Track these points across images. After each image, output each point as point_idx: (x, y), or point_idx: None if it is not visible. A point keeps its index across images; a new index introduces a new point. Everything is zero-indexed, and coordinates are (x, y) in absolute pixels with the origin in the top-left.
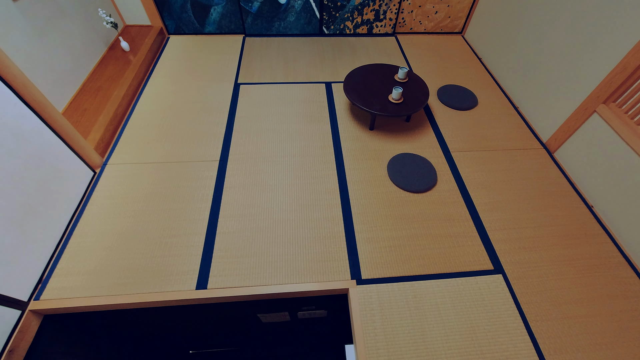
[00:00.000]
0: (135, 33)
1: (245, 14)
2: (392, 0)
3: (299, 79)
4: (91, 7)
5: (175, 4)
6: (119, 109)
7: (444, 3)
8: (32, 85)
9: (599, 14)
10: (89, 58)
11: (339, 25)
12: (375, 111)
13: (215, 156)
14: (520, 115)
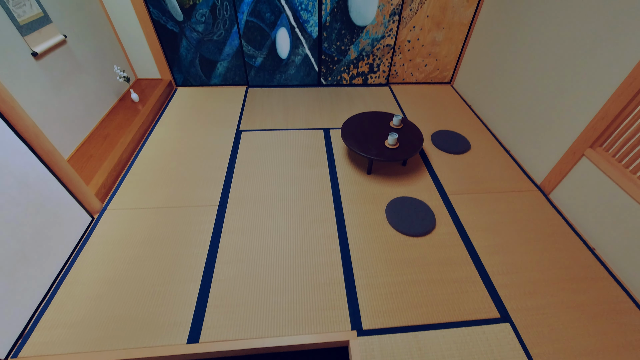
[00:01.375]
0: (145, 85)
1: (249, 67)
2: (385, 55)
3: (299, 125)
4: (107, 63)
5: (185, 60)
6: (124, 155)
7: (432, 57)
8: (43, 136)
9: (578, 64)
10: (100, 108)
11: (336, 77)
12: (372, 156)
13: (215, 200)
14: (513, 158)
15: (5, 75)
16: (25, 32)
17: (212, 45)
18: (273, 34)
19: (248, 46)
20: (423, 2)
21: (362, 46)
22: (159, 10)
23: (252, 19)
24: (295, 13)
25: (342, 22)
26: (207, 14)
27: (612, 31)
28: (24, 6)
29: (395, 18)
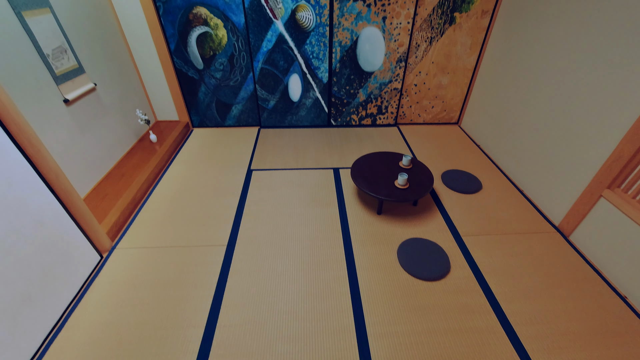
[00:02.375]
0: (164, 126)
1: (262, 110)
2: (393, 98)
3: (309, 165)
4: (131, 107)
5: (202, 103)
6: (138, 193)
7: (438, 99)
8: (63, 176)
9: (586, 104)
10: (120, 148)
11: (345, 118)
12: (383, 197)
13: (224, 240)
14: (527, 198)
15: (37, 120)
16: (60, 81)
17: (228, 90)
18: (286, 80)
19: (262, 91)
20: (428, 50)
21: (371, 90)
22: (182, 60)
23: (267, 66)
24: (307, 61)
25: (351, 69)
26: (225, 63)
27: (619, 72)
28: (62, 59)
29: (401, 64)
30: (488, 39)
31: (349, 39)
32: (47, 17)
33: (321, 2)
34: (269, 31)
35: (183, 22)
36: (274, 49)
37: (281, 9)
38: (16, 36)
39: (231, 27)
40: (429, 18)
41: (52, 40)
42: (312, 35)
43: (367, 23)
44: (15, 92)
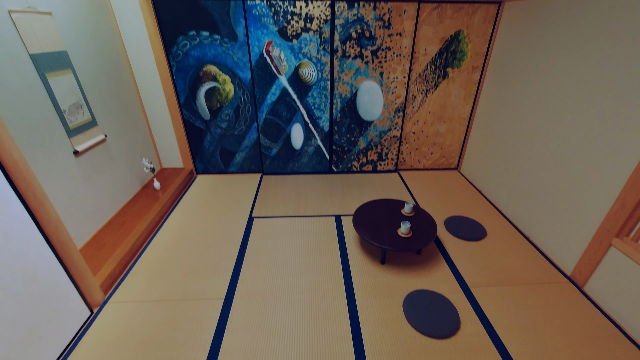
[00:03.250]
0: (168, 174)
1: (265, 157)
2: (392, 145)
3: (310, 212)
4: (137, 156)
5: (207, 151)
6: (137, 243)
7: (437, 146)
8: (62, 227)
9: (583, 151)
10: (123, 196)
11: (346, 165)
12: (385, 246)
13: (221, 293)
14: (534, 245)
15: (45, 171)
16: (73, 134)
17: (232, 139)
18: (288, 129)
19: (265, 139)
20: (424, 101)
21: (371, 138)
22: (190, 112)
23: (271, 116)
24: (309, 111)
25: (352, 118)
26: (231, 114)
27: (614, 120)
28: (77, 114)
29: (399, 114)
30: (480, 90)
31: (349, 92)
32: (68, 77)
33: (322, 60)
34: (273, 85)
35: (194, 79)
36: (278, 101)
37: (285, 66)
38: (37, 94)
39: (238, 82)
40: (424, 73)
41: (70, 97)
42: (314, 89)
43: (366, 78)
44: (29, 144)
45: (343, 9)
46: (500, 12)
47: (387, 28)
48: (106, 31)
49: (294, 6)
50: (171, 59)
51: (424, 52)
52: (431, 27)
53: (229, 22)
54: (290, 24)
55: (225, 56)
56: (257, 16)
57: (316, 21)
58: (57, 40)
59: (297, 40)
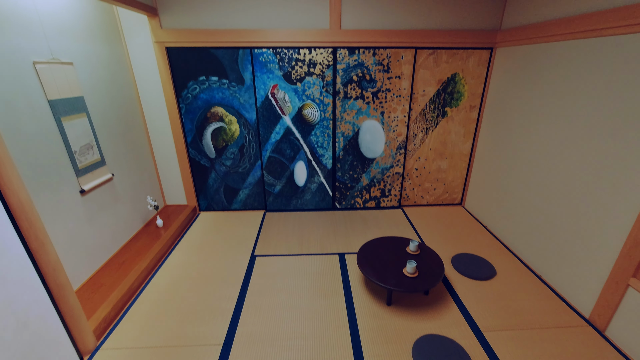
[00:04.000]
0: (171, 211)
1: (268, 194)
2: (395, 181)
3: (313, 250)
4: (142, 193)
5: (211, 188)
6: (135, 283)
7: (440, 182)
8: (60, 269)
9: (589, 187)
10: (125, 234)
11: (349, 201)
12: (391, 286)
13: (220, 338)
14: (547, 285)
15: (50, 210)
16: (81, 174)
17: (236, 176)
18: (292, 166)
19: (269, 176)
20: (425, 139)
21: (373, 174)
22: (196, 150)
23: (275, 154)
24: (312, 149)
25: (354, 156)
26: (236, 152)
27: (617, 156)
28: (87, 154)
29: (401, 151)
30: (479, 128)
31: (351, 130)
32: (82, 120)
33: (325, 101)
34: (277, 125)
35: (201, 119)
36: (282, 139)
37: (289, 106)
38: (51, 137)
39: (244, 122)
40: (423, 112)
41: (82, 138)
42: (317, 128)
43: (367, 117)
44: (37, 184)
45: (344, 55)
46: (493, 57)
47: (387, 72)
48: (122, 77)
49: (298, 53)
50: (181, 101)
51: (422, 93)
52: (428, 70)
53: (237, 68)
54: (294, 69)
55: (232, 98)
56: (264, 62)
57: (319, 66)
58: (75, 87)
59: (301, 84)
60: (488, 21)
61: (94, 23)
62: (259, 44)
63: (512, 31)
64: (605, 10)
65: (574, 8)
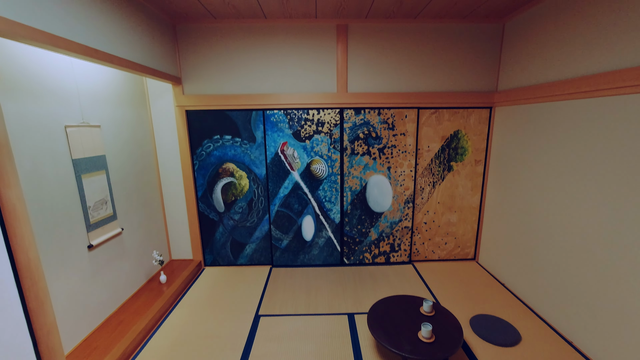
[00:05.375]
0: (176, 266)
1: (275, 249)
2: (404, 235)
3: (321, 310)
4: (149, 248)
5: (218, 243)
6: (130, 346)
7: (450, 236)
8: (55, 332)
9: (615, 245)
10: (127, 291)
11: (358, 257)
12: (406, 353)
13: None
14: (581, 354)
15: (55, 265)
16: (92, 229)
17: (244, 230)
18: (299, 221)
19: (276, 231)
20: (432, 192)
21: (382, 229)
22: (205, 204)
23: (282, 209)
24: (320, 204)
25: (362, 210)
26: (244, 207)
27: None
28: (100, 209)
29: (409, 205)
30: (486, 182)
31: (359, 185)
32: (101, 177)
33: (333, 157)
34: (286, 180)
35: (213, 175)
36: (290, 194)
37: (298, 162)
38: (69, 193)
39: (253, 177)
40: (429, 167)
41: (98, 194)
42: (325, 183)
43: (374, 172)
44: (47, 238)
45: (351, 115)
46: (493, 115)
47: (392, 129)
48: (143, 137)
49: (307, 114)
50: (195, 158)
51: (427, 148)
52: (431, 128)
53: (250, 128)
54: (303, 127)
55: (243, 155)
56: (275, 122)
57: (327, 125)
58: (99, 147)
59: (309, 141)
60: (485, 83)
61: (124, 90)
62: (271, 106)
63: (508, 92)
64: (594, 74)
65: (562, 73)
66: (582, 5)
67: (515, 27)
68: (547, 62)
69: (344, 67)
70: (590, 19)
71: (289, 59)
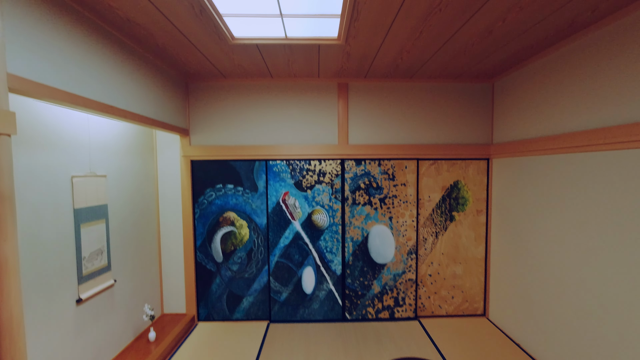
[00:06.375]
0: (167, 321)
1: (273, 302)
2: (409, 288)
3: None
4: (141, 301)
5: (214, 295)
6: None
7: (457, 289)
8: None
9: (635, 306)
10: (111, 350)
11: (361, 311)
12: None
13: None
14: None
15: (38, 321)
16: (83, 281)
17: (242, 282)
18: (300, 272)
19: (275, 282)
20: (435, 243)
21: (385, 281)
22: (203, 254)
23: (282, 260)
24: (321, 254)
25: (364, 261)
26: (243, 257)
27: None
28: (95, 260)
29: (412, 256)
30: (490, 232)
31: (360, 235)
32: (100, 227)
33: (334, 207)
34: (287, 230)
35: (213, 224)
36: (291, 244)
37: (299, 212)
38: (65, 243)
39: (254, 227)
40: (431, 217)
41: (95, 244)
42: (326, 233)
43: (376, 222)
44: (34, 292)
45: (352, 165)
46: (491, 166)
47: (392, 180)
48: (147, 186)
49: (309, 164)
50: (196, 206)
51: (428, 198)
52: (431, 178)
53: (252, 177)
54: (305, 177)
55: (245, 204)
56: (277, 172)
57: (328, 175)
58: (102, 196)
59: (311, 191)
60: (481, 136)
61: (134, 140)
62: (274, 157)
63: (503, 145)
64: (585, 130)
65: (552, 129)
66: (566, 69)
67: (503, 86)
68: (536, 119)
69: (344, 120)
70: (576, 80)
71: (292, 112)
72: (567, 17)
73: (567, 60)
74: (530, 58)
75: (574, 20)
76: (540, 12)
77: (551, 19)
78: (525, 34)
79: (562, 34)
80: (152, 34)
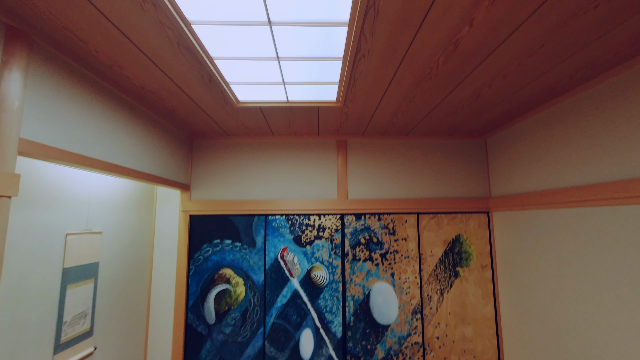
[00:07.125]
0: None
1: None
2: (415, 353)
3: None
4: None
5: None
6: None
7: (468, 354)
8: None
9: None
10: None
11: None
12: None
13: None
14: None
15: None
16: (60, 350)
17: (234, 346)
18: (297, 335)
19: (271, 347)
20: (441, 301)
21: (389, 345)
22: (195, 315)
23: (279, 321)
24: (321, 315)
25: (366, 322)
26: (237, 318)
27: None
28: (77, 324)
29: (417, 316)
30: (497, 289)
31: (362, 293)
32: (87, 287)
33: (334, 263)
34: (285, 287)
35: (207, 282)
36: (288, 303)
37: (298, 269)
38: (46, 307)
39: (250, 285)
40: (434, 272)
41: (79, 306)
42: (326, 291)
43: (377, 279)
44: None
45: (351, 220)
46: (491, 219)
47: (393, 234)
48: (142, 242)
49: (309, 219)
50: (192, 263)
51: (430, 253)
52: (432, 232)
53: (251, 233)
54: (304, 233)
55: (242, 260)
56: (276, 227)
57: (328, 230)
58: (94, 254)
59: (310, 246)
60: (479, 190)
61: (134, 196)
62: (273, 212)
63: (501, 199)
64: (579, 186)
65: (546, 184)
66: (555, 127)
67: (496, 142)
68: (530, 174)
69: (344, 175)
70: (564, 138)
71: (292, 168)
72: (547, 84)
73: (554, 118)
74: (519, 117)
75: (554, 85)
76: (523, 79)
77: (534, 85)
78: (511, 97)
79: (545, 97)
80: (163, 98)
